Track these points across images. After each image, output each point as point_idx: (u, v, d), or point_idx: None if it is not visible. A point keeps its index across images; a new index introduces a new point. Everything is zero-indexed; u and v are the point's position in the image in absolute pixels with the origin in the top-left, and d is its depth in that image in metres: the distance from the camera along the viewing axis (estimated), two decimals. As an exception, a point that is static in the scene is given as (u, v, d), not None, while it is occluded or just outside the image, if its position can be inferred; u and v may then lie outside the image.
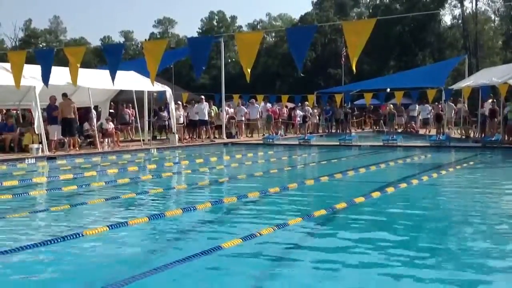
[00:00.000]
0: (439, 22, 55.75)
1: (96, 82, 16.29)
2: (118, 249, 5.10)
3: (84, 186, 9.17)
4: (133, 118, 21.74)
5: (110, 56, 12.53)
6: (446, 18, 68.43)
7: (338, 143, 19.17)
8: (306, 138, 20.65)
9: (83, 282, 4.14)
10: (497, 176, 11.06)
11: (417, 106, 27.47)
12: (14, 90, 14.82)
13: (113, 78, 12.14)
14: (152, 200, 8.14)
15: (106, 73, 13.45)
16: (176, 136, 19.24)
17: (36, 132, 15.04)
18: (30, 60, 14.39)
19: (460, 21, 54.67)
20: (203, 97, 21.96)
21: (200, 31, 74.36)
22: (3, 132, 15.62)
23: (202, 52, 11.34)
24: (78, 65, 12.63)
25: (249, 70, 10.08)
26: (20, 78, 13.18)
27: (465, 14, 53.45)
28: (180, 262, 4.25)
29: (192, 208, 6.65)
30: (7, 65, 13.92)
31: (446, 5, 55.44)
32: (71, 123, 15.65)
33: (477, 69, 35.55)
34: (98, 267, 4.54)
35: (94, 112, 17.50)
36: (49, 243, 4.92)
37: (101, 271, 4.40)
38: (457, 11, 55.70)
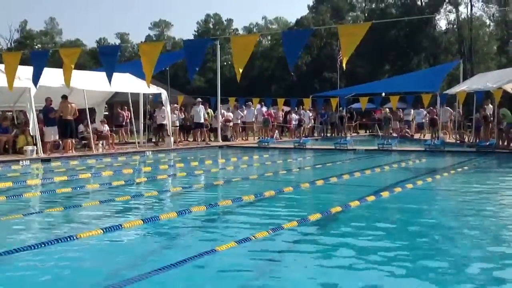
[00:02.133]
0: (434, 27, 56.02)
1: (91, 84, 16.26)
2: (112, 252, 5.08)
3: (78, 188, 9.14)
4: (128, 120, 21.70)
5: (106, 58, 12.49)
6: (441, 23, 68.74)
7: (333, 147, 19.20)
8: (301, 141, 20.66)
9: (77, 285, 4.12)
10: (491, 180, 11.09)
11: (412, 110, 27.55)
12: (9, 92, 14.76)
13: (109, 80, 12.13)
14: (147, 202, 8.11)
15: (101, 75, 13.43)
16: (172, 138, 19.24)
17: (31, 134, 14.99)
18: (25, 62, 14.33)
19: (455, 26, 54.93)
20: (200, 99, 21.97)
21: (196, 33, 74.37)
22: (-2, 134, 15.56)
23: (197, 54, 11.33)
24: (72, 66, 12.57)
25: (240, 70, 10.10)
26: (13, 79, 13.09)
27: (460, 19, 53.73)
28: (174, 265, 4.24)
29: (186, 211, 6.64)
30: (2, 67, 13.87)
31: (441, 10, 55.72)
32: (70, 125, 15.62)
33: (471, 74, 35.71)
34: (92, 270, 4.53)
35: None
36: (43, 245, 4.90)
37: (95, 274, 4.38)
38: (452, 16, 56.02)
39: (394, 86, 29.00)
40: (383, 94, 29.38)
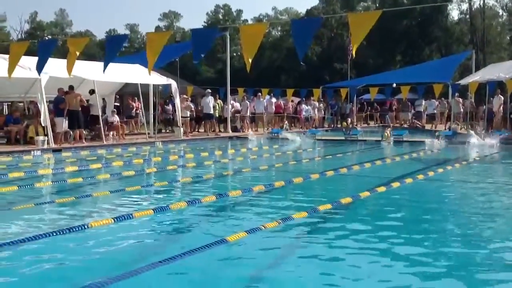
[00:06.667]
0: (447, 17, 55.41)
1: (101, 74, 16.24)
2: (123, 241, 5.09)
3: (89, 178, 9.18)
4: (138, 111, 21.75)
5: (111, 45, 12.53)
6: (454, 13, 68.02)
7: (343, 138, 19.14)
8: (311, 132, 20.60)
9: (88, 273, 4.13)
10: (502, 171, 11.00)
11: (423, 101, 27.36)
12: (20, 82, 14.84)
13: (105, 68, 12.16)
14: (157, 192, 8.14)
15: (111, 66, 13.42)
16: (181, 129, 19.25)
17: (42, 125, 15.07)
18: (36, 52, 14.36)
19: (467, 16, 54.31)
20: (209, 90, 21.94)
21: (206, 24, 74.22)
22: (9, 124, 15.68)
23: (204, 41, 11.29)
24: (77, 54, 12.58)
25: (250, 60, 10.05)
26: (14, 68, 13.06)
27: (473, 9, 53.12)
28: (185, 254, 4.24)
29: (196, 201, 6.64)
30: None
31: (454, 0, 55.10)
32: (77, 116, 15.68)
33: (484, 65, 35.34)
34: (103, 258, 4.55)
35: (99, 105, 17.47)
36: (54, 234, 4.93)
37: (107, 263, 4.41)
38: (464, 6, 55.37)
39: (405, 76, 28.78)
40: (394, 84, 29.19)
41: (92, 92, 16.45)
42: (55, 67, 14.26)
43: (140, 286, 3.83)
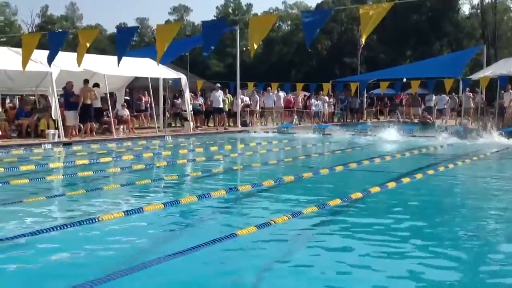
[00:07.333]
0: (457, 12, 54.93)
1: (112, 68, 16.32)
2: (133, 235, 5.12)
3: (99, 171, 9.23)
4: (148, 105, 21.81)
5: (121, 37, 12.60)
6: (465, 7, 67.33)
7: (353, 133, 19.08)
8: (321, 127, 20.57)
9: (98, 266, 4.16)
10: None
11: (433, 96, 27.18)
12: (31, 76, 14.91)
13: (119, 60, 12.18)
14: (167, 186, 8.17)
15: (122, 59, 13.45)
16: (191, 123, 19.28)
17: (53, 118, 15.16)
18: (47, 46, 14.45)
19: (478, 11, 53.79)
20: (219, 85, 21.95)
21: (215, 18, 74.13)
22: (21, 118, 15.79)
23: (214, 33, 11.31)
24: (88, 45, 12.63)
25: (255, 46, 10.02)
26: (28, 60, 13.14)
27: (484, 3, 52.57)
28: (195, 249, 4.25)
29: (207, 195, 6.65)
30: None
31: (465, -6, 54.59)
32: (89, 109, 15.76)
33: (495, 60, 35.02)
34: (113, 252, 4.57)
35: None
36: (65, 227, 4.96)
37: (116, 256, 4.44)
38: (475, 1, 54.86)
39: (416, 71, 28.65)
40: (404, 79, 29.04)
41: (95, 85, 16.56)
42: (66, 60, 14.33)
43: (150, 279, 3.85)
